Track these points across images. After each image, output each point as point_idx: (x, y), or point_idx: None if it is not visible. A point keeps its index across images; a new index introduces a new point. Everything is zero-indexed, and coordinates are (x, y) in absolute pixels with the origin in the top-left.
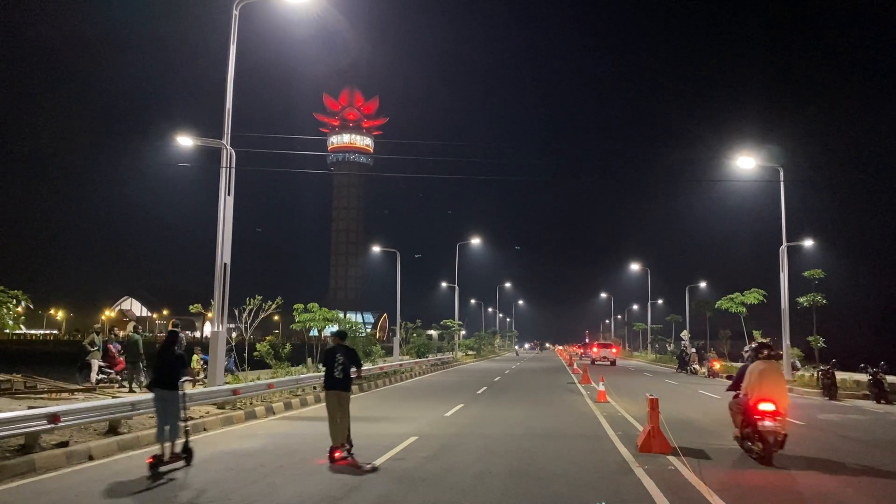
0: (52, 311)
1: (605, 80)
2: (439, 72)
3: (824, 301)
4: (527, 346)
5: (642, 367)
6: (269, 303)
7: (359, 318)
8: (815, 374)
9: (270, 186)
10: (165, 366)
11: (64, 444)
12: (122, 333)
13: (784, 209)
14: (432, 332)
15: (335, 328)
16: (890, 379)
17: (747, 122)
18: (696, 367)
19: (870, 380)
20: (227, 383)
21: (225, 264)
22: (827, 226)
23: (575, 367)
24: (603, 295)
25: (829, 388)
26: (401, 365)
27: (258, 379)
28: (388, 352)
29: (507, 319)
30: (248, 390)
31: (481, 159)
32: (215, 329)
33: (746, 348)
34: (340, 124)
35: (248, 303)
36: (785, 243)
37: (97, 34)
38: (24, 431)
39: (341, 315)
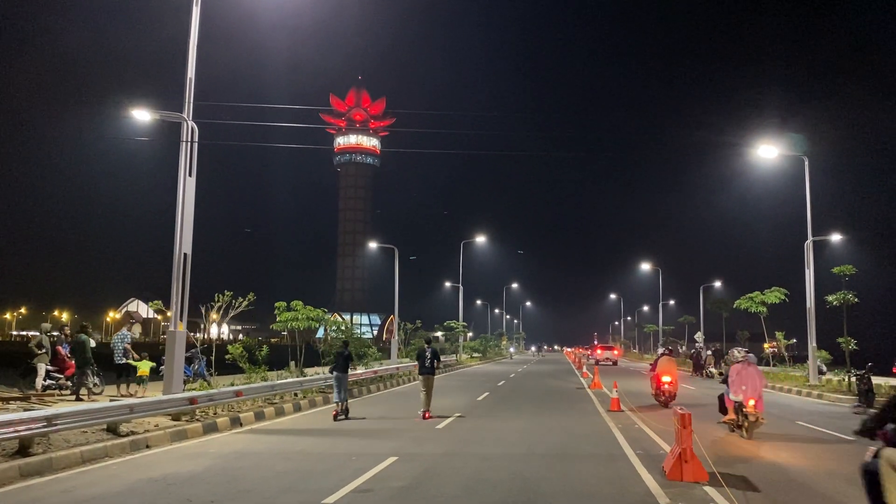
0: (56, 313)
1: (617, 67)
2: (444, 61)
3: (856, 299)
4: (533, 348)
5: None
6: (241, 299)
7: (365, 319)
8: (846, 379)
9: (276, 187)
10: (341, 359)
11: None
12: (123, 332)
13: (809, 201)
14: (439, 334)
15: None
16: None
17: (768, 109)
18: (713, 370)
19: None
20: (193, 389)
21: (185, 254)
22: (857, 218)
23: (584, 370)
24: (612, 296)
25: (866, 395)
26: (398, 368)
27: (233, 384)
28: (389, 354)
29: (515, 321)
30: (208, 399)
31: (487, 152)
32: (172, 328)
33: (661, 348)
34: (347, 125)
35: (217, 299)
36: (810, 238)
37: None
38: None
39: (330, 315)
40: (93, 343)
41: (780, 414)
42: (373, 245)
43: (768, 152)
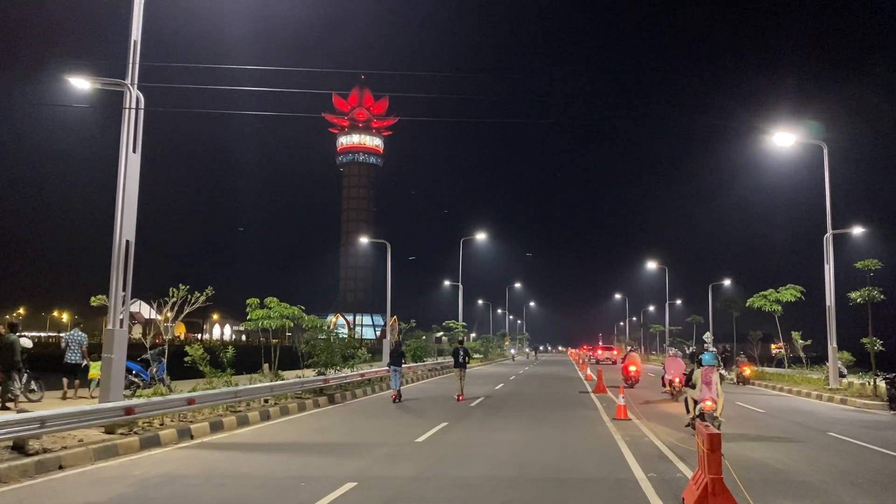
0: (55, 313)
1: (621, 52)
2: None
3: (881, 296)
4: (527, 349)
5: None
6: (197, 294)
7: (368, 320)
8: (872, 382)
9: (279, 188)
10: (396, 355)
11: None
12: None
13: (829, 192)
14: (439, 335)
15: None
16: None
17: (784, 94)
18: (723, 372)
19: None
20: (141, 396)
21: (127, 241)
22: (881, 210)
23: (588, 372)
24: (618, 296)
25: None
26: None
27: (195, 390)
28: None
29: (518, 321)
30: (150, 408)
31: (489, 120)
32: (109, 327)
33: (629, 347)
34: (350, 125)
35: (171, 294)
36: (830, 231)
37: None
38: None
39: (306, 314)
40: (28, 343)
41: (805, 422)
42: (364, 240)
43: (784, 139)
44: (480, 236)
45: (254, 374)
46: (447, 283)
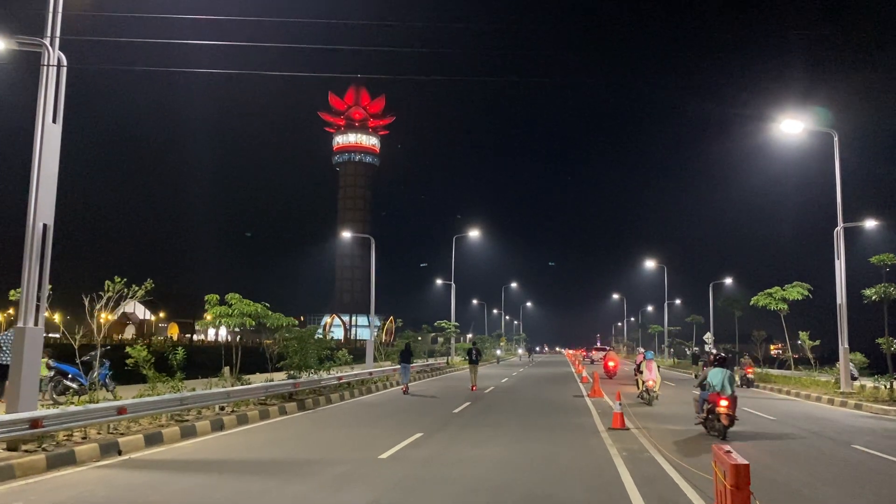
0: (48, 314)
1: (625, 37)
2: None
3: None
4: (520, 351)
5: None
6: (134, 287)
7: (364, 321)
8: (889, 385)
9: (277, 188)
10: (406, 353)
11: None
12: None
13: (839, 183)
14: (440, 337)
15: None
16: None
17: (791, 79)
18: None
19: None
20: (69, 404)
21: (45, 225)
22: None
23: (584, 374)
24: (615, 296)
25: None
26: (371, 374)
27: (140, 396)
28: (390, 356)
29: (515, 322)
30: (65, 419)
31: (486, 78)
32: (21, 324)
33: (609, 347)
34: (346, 124)
35: (107, 288)
36: (841, 224)
37: None
38: None
39: (272, 312)
40: None
41: (822, 432)
42: (347, 235)
43: (792, 127)
44: (474, 234)
45: (213, 379)
46: (439, 281)
